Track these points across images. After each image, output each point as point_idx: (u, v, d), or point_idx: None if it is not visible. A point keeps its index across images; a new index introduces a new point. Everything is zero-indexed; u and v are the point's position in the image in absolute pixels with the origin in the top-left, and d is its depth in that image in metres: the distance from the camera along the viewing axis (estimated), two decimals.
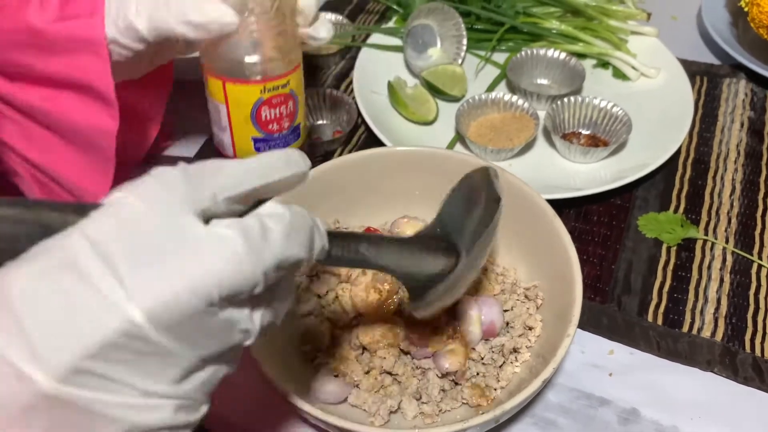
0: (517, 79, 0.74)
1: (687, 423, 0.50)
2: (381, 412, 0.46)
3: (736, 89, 0.76)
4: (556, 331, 0.45)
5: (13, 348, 0.22)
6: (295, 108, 0.53)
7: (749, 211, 0.64)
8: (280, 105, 0.51)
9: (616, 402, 0.51)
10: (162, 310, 0.23)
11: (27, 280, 0.22)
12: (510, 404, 0.40)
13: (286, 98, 0.52)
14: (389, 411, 0.46)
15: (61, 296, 0.22)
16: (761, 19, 0.72)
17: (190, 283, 0.23)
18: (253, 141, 0.54)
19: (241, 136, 0.53)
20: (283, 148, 0.31)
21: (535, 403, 0.51)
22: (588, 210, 0.64)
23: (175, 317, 0.23)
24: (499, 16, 0.79)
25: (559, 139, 0.67)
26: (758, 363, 0.52)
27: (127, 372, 0.23)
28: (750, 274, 0.58)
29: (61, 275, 0.22)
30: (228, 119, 0.52)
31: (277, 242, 0.25)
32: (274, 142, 0.54)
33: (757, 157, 0.69)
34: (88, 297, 0.22)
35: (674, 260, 0.60)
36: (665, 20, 0.87)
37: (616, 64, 0.77)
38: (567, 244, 0.47)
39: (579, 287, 0.45)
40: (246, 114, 0.51)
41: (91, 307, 0.22)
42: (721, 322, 0.55)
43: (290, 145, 0.56)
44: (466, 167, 0.53)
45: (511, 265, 0.55)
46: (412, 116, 0.72)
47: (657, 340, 0.54)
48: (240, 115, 0.51)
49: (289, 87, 0.52)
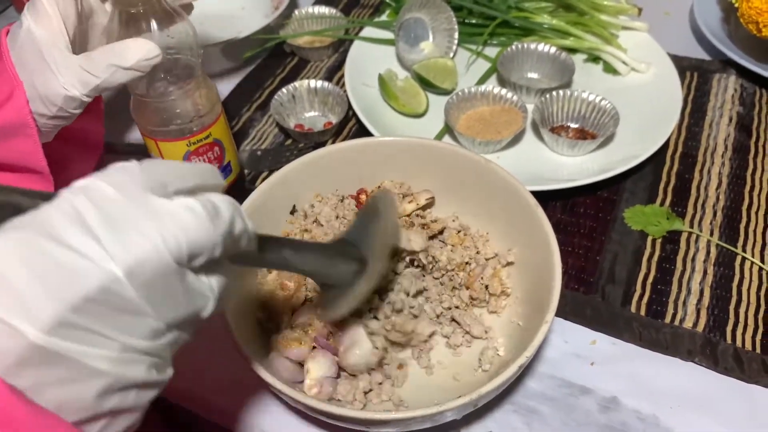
0: (507, 72, 0.74)
1: (667, 412, 0.50)
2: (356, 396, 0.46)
3: (726, 84, 0.77)
4: (535, 318, 0.46)
5: (2, 305, 0.23)
6: (222, 151, 0.60)
7: (735, 205, 0.64)
8: (206, 152, 0.59)
9: (598, 391, 0.52)
10: (139, 267, 0.25)
11: (10, 246, 0.24)
12: (486, 388, 0.41)
13: (211, 146, 0.59)
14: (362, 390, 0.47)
15: (45, 257, 0.24)
16: (750, 14, 0.72)
17: (163, 241, 0.25)
18: None
19: None
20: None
21: (516, 391, 0.52)
22: (575, 202, 0.65)
23: (149, 274, 0.25)
24: (490, 11, 0.80)
25: (548, 132, 0.67)
26: (739, 354, 0.53)
27: (107, 326, 0.25)
28: (734, 266, 0.59)
29: (43, 240, 0.24)
30: None
31: (226, 215, 0.29)
32: None
33: (745, 151, 0.69)
34: (69, 257, 0.24)
35: (659, 252, 0.60)
36: (658, 16, 0.88)
37: (607, 59, 0.78)
38: (548, 233, 0.47)
39: (558, 275, 0.45)
40: None
41: (73, 266, 0.24)
42: (703, 314, 0.55)
43: (224, 180, 0.61)
44: (454, 157, 0.55)
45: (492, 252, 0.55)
46: (403, 109, 0.73)
47: (639, 330, 0.55)
48: None
49: (212, 137, 0.58)
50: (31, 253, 0.24)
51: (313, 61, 0.83)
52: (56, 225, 0.24)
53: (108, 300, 0.24)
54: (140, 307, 0.25)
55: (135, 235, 0.25)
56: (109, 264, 0.24)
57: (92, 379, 0.25)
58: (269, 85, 0.80)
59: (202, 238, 0.27)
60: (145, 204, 0.26)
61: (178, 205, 0.26)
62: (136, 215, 0.25)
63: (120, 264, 0.24)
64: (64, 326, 0.24)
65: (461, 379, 0.49)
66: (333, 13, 0.86)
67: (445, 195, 0.57)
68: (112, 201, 0.25)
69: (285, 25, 0.85)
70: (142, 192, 0.26)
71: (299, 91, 0.74)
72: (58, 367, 0.24)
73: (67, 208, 0.25)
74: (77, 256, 0.24)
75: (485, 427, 0.50)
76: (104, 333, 0.25)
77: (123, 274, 0.24)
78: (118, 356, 0.25)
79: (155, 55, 0.46)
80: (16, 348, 0.23)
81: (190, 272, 0.27)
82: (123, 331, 0.25)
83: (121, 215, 0.25)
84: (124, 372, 0.25)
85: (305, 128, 0.73)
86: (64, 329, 0.24)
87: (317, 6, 0.86)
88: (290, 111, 0.74)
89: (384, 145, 0.56)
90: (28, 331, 0.23)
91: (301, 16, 0.85)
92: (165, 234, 0.25)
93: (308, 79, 0.75)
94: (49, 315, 0.23)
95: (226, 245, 0.29)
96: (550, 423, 0.50)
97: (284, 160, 0.70)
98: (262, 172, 0.69)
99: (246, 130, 0.75)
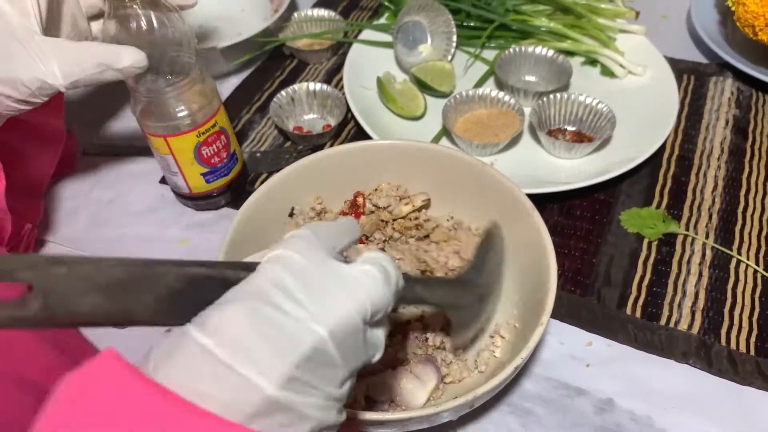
0: (505, 75, 0.75)
1: (661, 413, 0.51)
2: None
3: (723, 87, 0.77)
4: (531, 320, 0.46)
5: (242, 364, 0.26)
6: (228, 139, 0.62)
7: (730, 207, 0.64)
8: (215, 141, 0.60)
9: (593, 392, 0.52)
10: (338, 328, 0.29)
11: (240, 313, 0.27)
12: (483, 389, 0.41)
13: (218, 134, 0.60)
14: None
15: (267, 322, 0.27)
16: (746, 18, 0.73)
17: (355, 304, 0.30)
18: (202, 176, 0.62)
19: (192, 175, 0.62)
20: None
21: (512, 393, 0.52)
22: (571, 205, 0.65)
23: (344, 334, 0.29)
24: (488, 14, 0.80)
25: (545, 135, 0.67)
26: (733, 356, 0.53)
27: (317, 379, 0.28)
28: (729, 269, 0.59)
29: (263, 307, 0.28)
30: (177, 165, 0.60)
31: (394, 275, 0.33)
32: (219, 171, 0.63)
33: (741, 154, 0.70)
34: (285, 321, 0.28)
35: (655, 255, 0.61)
36: (656, 19, 0.88)
37: (604, 62, 0.78)
38: (543, 236, 0.48)
39: (554, 277, 0.46)
40: (190, 157, 0.59)
41: (291, 329, 0.28)
42: (698, 316, 0.56)
43: (232, 170, 0.64)
44: (451, 161, 0.55)
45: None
46: (401, 111, 0.73)
47: (635, 332, 0.55)
48: (186, 159, 0.60)
49: (218, 125, 0.60)
50: (257, 319, 0.27)
51: (312, 63, 0.84)
52: (268, 293, 0.28)
53: (317, 357, 0.28)
54: (337, 361, 0.29)
55: (331, 300, 0.29)
56: (317, 326, 0.28)
57: (304, 424, 0.28)
58: (268, 88, 0.81)
59: (381, 299, 0.31)
60: (331, 270, 0.30)
61: (360, 271, 0.31)
62: (327, 281, 0.29)
63: (324, 326, 0.28)
64: (291, 381, 0.27)
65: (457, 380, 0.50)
66: (332, 15, 0.86)
67: (442, 198, 0.57)
68: (305, 269, 0.29)
69: (284, 28, 0.86)
70: (326, 258, 0.30)
71: (298, 94, 0.75)
72: (282, 415, 0.27)
73: (271, 276, 0.29)
74: (292, 319, 0.28)
75: (481, 428, 0.50)
76: (315, 385, 0.28)
77: (328, 335, 0.28)
78: (323, 403, 0.29)
79: (143, 66, 0.48)
80: (254, 399, 0.26)
81: (368, 327, 0.31)
82: (326, 383, 0.29)
83: (315, 282, 0.29)
84: (326, 417, 0.29)
85: (304, 130, 0.74)
86: (291, 383, 0.27)
87: (316, 9, 0.86)
88: (289, 113, 0.75)
89: (382, 148, 0.56)
90: (265, 386, 0.26)
91: (301, 19, 0.86)
92: (355, 298, 0.30)
93: (307, 81, 0.76)
94: (281, 372, 0.27)
95: (395, 299, 0.33)
96: (546, 424, 0.50)
97: (283, 162, 0.70)
98: (261, 174, 0.70)
99: (245, 132, 0.75)
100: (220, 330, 0.27)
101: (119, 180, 0.71)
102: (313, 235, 0.31)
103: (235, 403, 0.26)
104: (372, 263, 0.31)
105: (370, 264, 0.31)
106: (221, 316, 0.27)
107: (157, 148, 0.59)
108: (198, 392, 0.26)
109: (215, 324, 0.27)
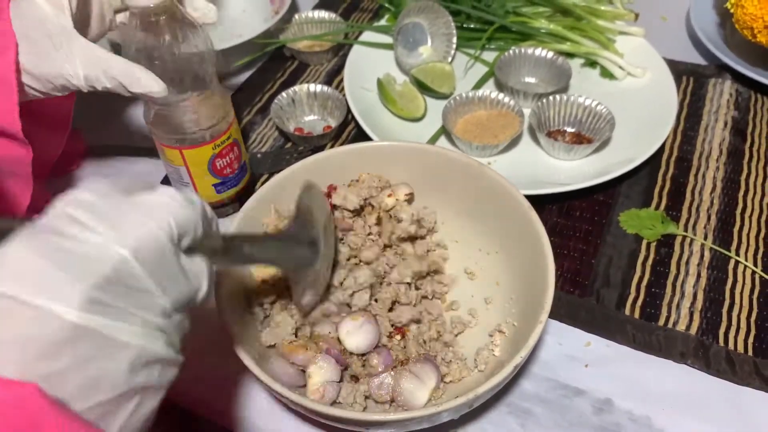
0: (504, 77, 0.75)
1: (659, 413, 0.51)
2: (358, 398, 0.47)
3: (721, 89, 0.78)
4: (530, 319, 0.46)
5: (32, 294, 0.25)
6: (239, 150, 0.62)
7: (729, 209, 0.65)
8: (228, 153, 0.60)
9: (591, 392, 0.52)
10: (142, 247, 0.28)
11: (23, 245, 0.26)
12: (483, 388, 0.41)
13: (231, 146, 0.60)
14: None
15: (58, 249, 0.26)
16: (745, 20, 0.73)
17: (157, 222, 0.29)
18: (213, 187, 0.62)
19: (204, 186, 0.62)
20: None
21: (511, 393, 0.52)
22: (570, 206, 0.66)
23: (151, 254, 0.28)
24: (489, 16, 0.81)
25: (544, 137, 0.68)
26: (731, 356, 0.53)
27: (127, 303, 0.27)
28: (727, 270, 0.60)
29: (53, 237, 0.27)
30: (189, 176, 0.60)
31: (197, 199, 0.33)
32: (230, 182, 0.63)
33: (739, 155, 0.70)
34: (81, 245, 0.27)
35: (653, 256, 0.61)
36: (655, 21, 0.89)
37: (604, 64, 0.79)
38: (541, 235, 0.48)
39: (551, 275, 0.46)
40: (204, 169, 0.60)
41: (87, 252, 0.27)
42: (696, 316, 0.56)
43: (242, 180, 0.65)
44: (448, 161, 0.55)
45: (487, 256, 0.56)
46: (401, 112, 0.73)
47: (633, 332, 0.55)
48: (199, 170, 0.60)
49: (232, 137, 0.60)
50: (45, 247, 0.26)
51: (313, 65, 0.84)
52: (58, 226, 0.27)
53: (122, 279, 0.27)
54: (149, 286, 0.28)
55: (130, 222, 0.28)
56: (117, 247, 0.27)
57: (122, 352, 0.27)
58: (269, 89, 0.81)
59: (186, 219, 0.31)
60: (126, 199, 0.29)
61: (160, 194, 0.30)
62: (123, 207, 0.29)
63: (124, 246, 0.27)
64: (94, 303, 0.26)
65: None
66: (333, 17, 0.86)
67: (440, 198, 0.58)
68: (97, 200, 0.28)
69: (285, 30, 0.86)
70: (123, 192, 0.30)
71: (299, 95, 0.75)
72: (91, 343, 0.26)
73: (61, 214, 0.27)
74: (87, 245, 0.27)
75: (480, 428, 0.51)
76: (126, 309, 0.27)
77: (130, 254, 0.27)
78: (141, 330, 0.28)
79: (160, 95, 0.47)
80: (51, 330, 0.25)
81: (182, 254, 0.31)
82: (140, 308, 0.28)
83: (111, 209, 0.28)
84: (148, 345, 0.28)
85: (305, 132, 0.74)
86: (93, 305, 0.26)
87: (317, 10, 0.87)
88: (290, 114, 0.75)
89: (381, 149, 0.57)
90: (63, 311, 0.25)
91: (301, 21, 0.86)
92: (156, 218, 0.29)
93: (308, 83, 0.76)
94: (79, 294, 0.25)
95: (204, 226, 0.33)
96: (544, 424, 0.51)
97: (284, 163, 0.70)
98: (262, 175, 0.70)
99: (246, 134, 0.76)
100: (2, 265, 0.25)
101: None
102: (107, 180, 0.31)
103: (31, 339, 0.24)
104: (170, 191, 0.31)
105: (168, 191, 0.31)
106: (1, 252, 0.25)
107: (170, 159, 0.59)
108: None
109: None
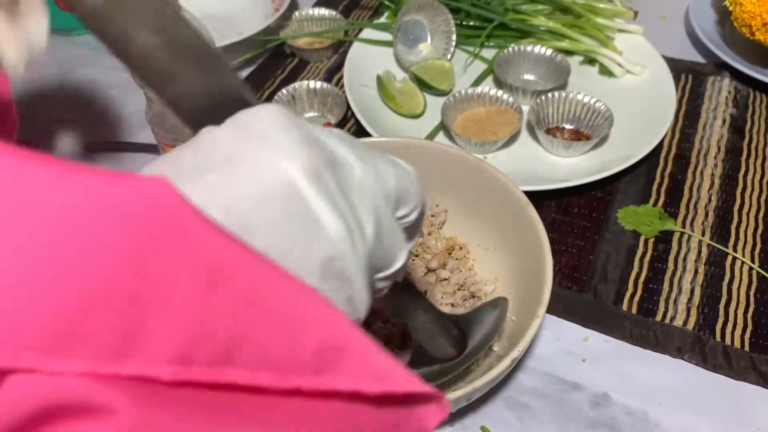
0: (503, 74, 0.76)
1: (656, 408, 0.51)
2: None
3: (720, 87, 0.78)
4: (527, 314, 0.47)
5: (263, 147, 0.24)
6: None
7: (726, 205, 0.65)
8: None
9: (589, 387, 0.53)
10: (366, 165, 0.27)
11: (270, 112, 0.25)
12: (480, 382, 0.42)
13: None
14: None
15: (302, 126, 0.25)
16: (744, 18, 0.74)
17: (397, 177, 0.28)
18: None
19: None
20: None
21: (509, 387, 0.53)
22: (569, 202, 0.66)
23: (373, 181, 0.27)
24: (488, 13, 0.81)
25: (543, 133, 0.68)
26: (728, 351, 0.54)
27: (340, 196, 0.25)
28: (724, 266, 0.60)
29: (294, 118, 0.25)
30: None
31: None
32: None
33: (737, 153, 0.70)
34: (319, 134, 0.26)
35: (651, 252, 0.61)
36: (654, 19, 0.89)
37: (603, 61, 0.79)
38: (539, 231, 0.48)
39: (549, 270, 0.46)
40: None
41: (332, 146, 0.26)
42: (693, 312, 0.57)
43: None
44: (447, 157, 0.56)
45: (486, 251, 0.56)
46: (401, 109, 0.74)
47: (631, 328, 0.56)
48: None
49: None
50: (291, 119, 0.25)
51: (313, 62, 0.84)
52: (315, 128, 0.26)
53: (346, 176, 0.25)
54: (365, 192, 0.26)
55: (379, 158, 0.28)
56: (348, 154, 0.26)
57: (321, 243, 0.24)
58: (269, 86, 0.81)
59: (408, 188, 0.29)
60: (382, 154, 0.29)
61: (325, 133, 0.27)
62: (377, 154, 0.28)
63: (357, 157, 0.26)
64: (318, 173, 0.24)
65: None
66: (333, 14, 0.87)
67: (439, 194, 0.58)
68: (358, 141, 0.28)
69: (285, 27, 0.86)
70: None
71: (299, 92, 0.75)
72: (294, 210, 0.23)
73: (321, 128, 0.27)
74: (330, 144, 0.26)
75: (478, 422, 0.51)
76: (337, 202, 0.24)
77: (354, 160, 0.26)
78: (346, 233, 0.24)
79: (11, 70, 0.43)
80: (275, 180, 0.23)
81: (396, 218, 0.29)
82: (349, 211, 0.25)
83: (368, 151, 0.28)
84: (347, 254, 0.25)
85: None
86: (317, 175, 0.24)
87: (317, 8, 0.87)
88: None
89: (380, 145, 0.57)
90: (287, 166, 0.23)
91: (301, 18, 0.87)
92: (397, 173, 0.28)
93: (308, 80, 0.77)
94: (308, 160, 0.23)
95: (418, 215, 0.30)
96: (541, 418, 0.51)
97: None
98: None
99: None
100: (249, 124, 0.24)
101: None
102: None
103: (247, 187, 0.23)
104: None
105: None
106: (251, 113, 0.25)
107: None
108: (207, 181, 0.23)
109: (244, 119, 0.24)
